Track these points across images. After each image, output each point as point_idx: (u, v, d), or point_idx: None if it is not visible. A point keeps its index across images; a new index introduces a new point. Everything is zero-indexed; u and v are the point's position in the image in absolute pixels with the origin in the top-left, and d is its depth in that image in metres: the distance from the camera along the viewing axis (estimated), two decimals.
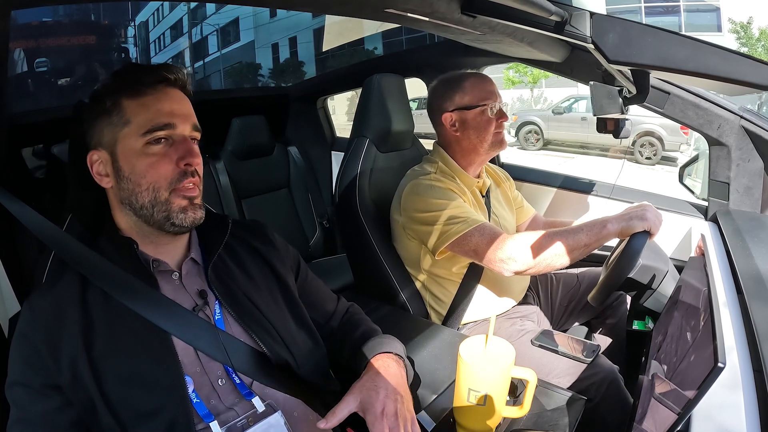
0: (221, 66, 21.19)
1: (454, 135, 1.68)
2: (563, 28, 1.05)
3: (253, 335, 1.00)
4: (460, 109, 1.65)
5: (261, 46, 20.49)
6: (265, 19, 20.15)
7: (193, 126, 0.97)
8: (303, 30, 19.99)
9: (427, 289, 1.72)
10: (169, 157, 0.93)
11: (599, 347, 1.48)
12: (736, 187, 1.74)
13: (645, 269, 1.43)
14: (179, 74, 0.98)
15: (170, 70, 0.97)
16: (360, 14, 1.29)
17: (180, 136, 0.95)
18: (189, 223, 0.95)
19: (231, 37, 20.52)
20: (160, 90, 0.95)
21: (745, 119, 1.68)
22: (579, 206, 2.29)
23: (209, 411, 0.93)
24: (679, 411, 0.72)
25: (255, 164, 2.77)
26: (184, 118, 0.96)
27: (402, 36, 17.17)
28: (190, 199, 0.95)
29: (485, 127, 1.63)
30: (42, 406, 0.88)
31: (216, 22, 20.48)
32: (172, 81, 0.97)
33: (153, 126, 0.92)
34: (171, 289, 0.98)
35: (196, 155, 0.95)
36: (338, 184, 1.81)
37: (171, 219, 0.94)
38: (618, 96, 1.29)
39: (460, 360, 1.00)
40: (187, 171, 0.94)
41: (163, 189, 0.93)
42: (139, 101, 0.93)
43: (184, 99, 0.99)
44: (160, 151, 0.93)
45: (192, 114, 0.99)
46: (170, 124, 0.93)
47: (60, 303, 0.91)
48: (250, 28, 20.27)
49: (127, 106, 0.93)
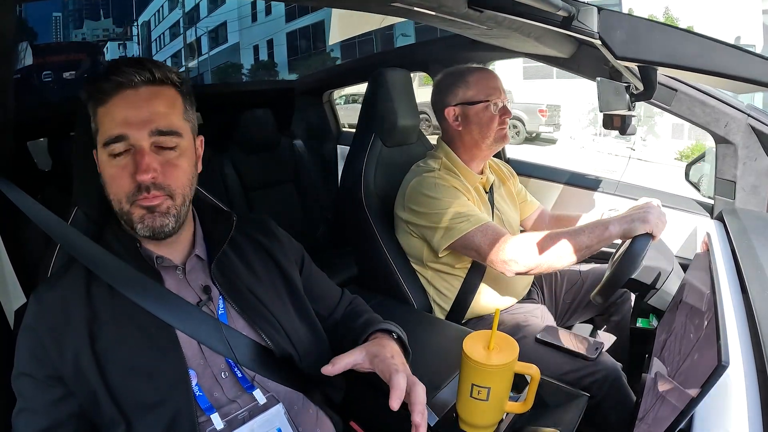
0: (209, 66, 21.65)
1: (457, 129, 1.67)
2: (570, 23, 1.05)
3: (256, 329, 1.00)
4: (463, 103, 1.65)
5: (244, 48, 21.01)
6: (248, 22, 20.65)
7: (151, 132, 0.90)
8: (278, 33, 20.48)
9: (430, 284, 1.72)
10: (126, 170, 0.90)
11: (602, 344, 1.48)
12: (743, 186, 1.73)
13: (648, 269, 1.43)
14: (137, 75, 0.91)
15: (123, 72, 0.90)
16: (367, 8, 1.28)
17: (137, 146, 0.90)
18: (148, 232, 0.92)
19: (219, 38, 21.04)
20: (119, 95, 0.90)
21: (752, 117, 1.67)
22: (585, 202, 2.28)
23: (211, 403, 0.93)
24: (681, 410, 0.72)
25: (261, 157, 2.76)
26: (141, 126, 0.89)
27: (355, 38, 17.41)
28: (148, 208, 0.91)
29: (488, 123, 1.63)
30: (45, 397, 0.89)
31: (206, 24, 21.00)
32: (134, 83, 0.91)
33: (106, 140, 0.90)
34: (175, 284, 0.99)
35: (146, 170, 0.88)
36: (344, 178, 1.81)
37: (134, 227, 0.92)
38: (625, 92, 1.28)
39: (463, 355, 1.00)
40: (141, 186, 0.90)
41: (123, 201, 0.91)
42: (102, 109, 0.91)
43: (147, 99, 0.92)
44: (119, 164, 0.90)
45: (155, 116, 0.91)
46: (121, 135, 0.89)
47: (66, 296, 0.92)
48: (236, 30, 20.75)
49: (98, 114, 0.92)
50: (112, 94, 0.90)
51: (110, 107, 0.90)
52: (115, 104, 0.90)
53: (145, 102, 0.91)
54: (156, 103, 0.92)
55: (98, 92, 0.91)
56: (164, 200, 0.92)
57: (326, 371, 0.94)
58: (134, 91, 0.91)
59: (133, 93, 0.91)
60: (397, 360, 0.98)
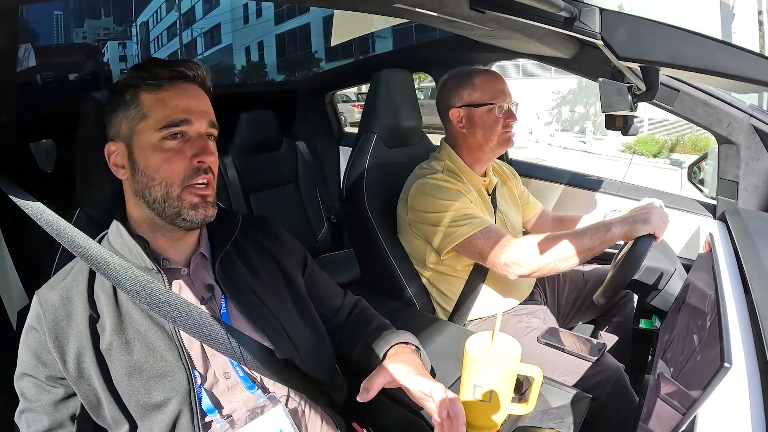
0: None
1: (461, 131, 1.67)
2: (572, 24, 1.04)
3: (258, 330, 1.00)
4: (468, 105, 1.64)
5: (236, 49, 21.46)
6: (240, 24, 21.11)
7: (209, 123, 0.98)
8: (268, 35, 20.90)
9: (433, 285, 1.72)
10: (183, 154, 0.93)
11: (605, 345, 1.48)
12: (745, 186, 1.72)
13: (651, 270, 1.43)
14: (198, 70, 0.98)
15: (189, 66, 0.97)
16: (369, 9, 1.28)
17: (195, 132, 0.95)
18: (199, 220, 0.96)
19: (214, 40, 21.42)
20: (178, 86, 0.95)
21: (754, 117, 1.66)
22: (586, 203, 2.28)
23: (214, 404, 0.94)
24: (684, 411, 0.72)
25: (263, 159, 2.76)
26: (201, 115, 0.96)
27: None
28: (202, 197, 0.95)
29: (492, 126, 1.62)
30: (47, 398, 0.90)
31: (202, 26, 21.37)
32: (191, 77, 0.97)
33: (169, 122, 0.92)
34: (179, 283, 1.00)
35: (210, 153, 0.96)
36: (346, 180, 1.81)
37: (182, 215, 0.94)
38: (627, 93, 1.28)
39: (466, 356, 1.00)
40: (200, 168, 0.94)
41: (175, 185, 0.93)
42: (156, 96, 0.93)
43: (202, 95, 0.99)
44: (174, 147, 0.93)
45: (209, 111, 0.99)
46: (186, 120, 0.93)
47: (68, 296, 0.92)
48: (229, 32, 21.15)
49: (145, 101, 0.93)
50: (171, 82, 0.95)
51: (169, 95, 0.94)
52: (175, 93, 0.95)
53: (201, 96, 1.00)
54: (207, 100, 1.00)
55: (153, 78, 0.94)
56: (212, 190, 0.98)
57: (362, 399, 0.96)
58: (191, 85, 0.98)
59: (191, 86, 0.98)
60: (424, 372, 1.01)
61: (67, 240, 0.91)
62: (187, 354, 0.93)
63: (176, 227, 0.97)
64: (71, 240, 0.91)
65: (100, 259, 0.90)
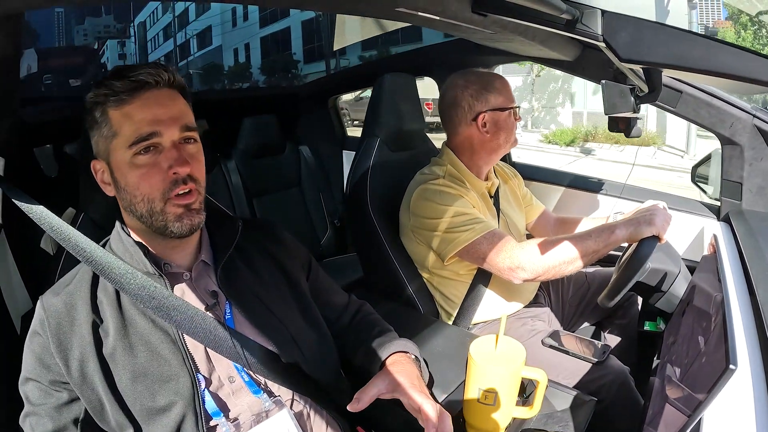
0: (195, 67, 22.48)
1: (484, 136, 1.65)
2: (574, 26, 1.04)
3: (263, 334, 1.00)
4: (495, 110, 1.63)
5: (225, 50, 21.85)
6: (229, 27, 21.52)
7: (182, 127, 0.93)
8: (253, 37, 21.33)
9: (437, 289, 1.71)
10: (158, 167, 0.90)
11: (609, 348, 1.48)
12: (749, 187, 1.72)
13: (655, 272, 1.43)
14: (161, 75, 0.92)
15: (148, 72, 0.91)
16: (371, 13, 1.28)
17: (168, 142, 0.91)
18: (186, 230, 0.94)
19: (206, 41, 21.75)
20: (142, 96, 0.91)
21: (758, 118, 1.66)
22: (588, 205, 2.27)
23: (218, 408, 0.94)
24: (689, 413, 0.72)
25: (266, 163, 2.77)
26: (170, 123, 0.91)
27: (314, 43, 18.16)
28: (185, 206, 0.93)
29: (512, 128, 1.65)
30: (51, 402, 0.91)
31: (195, 27, 21.66)
32: (153, 84, 0.92)
33: (136, 138, 0.89)
34: (182, 290, 0.99)
35: (184, 162, 0.92)
36: (349, 183, 1.82)
37: (168, 227, 0.93)
38: (630, 95, 1.28)
39: (470, 359, 1.00)
40: (176, 180, 0.91)
41: (156, 200, 0.91)
42: (122, 111, 0.90)
43: (170, 99, 0.94)
44: (148, 162, 0.90)
45: (182, 113, 0.94)
46: (154, 132, 0.90)
47: (72, 301, 0.92)
48: (219, 34, 21.49)
49: (113, 117, 0.90)
50: (134, 94, 0.90)
51: (134, 108, 0.90)
52: (140, 105, 0.90)
53: (170, 100, 0.94)
54: (178, 102, 0.95)
55: (116, 93, 0.90)
56: (197, 196, 0.95)
57: (352, 408, 0.96)
58: (158, 91, 0.93)
59: (156, 93, 0.92)
60: (419, 385, 1.00)
61: (71, 244, 0.91)
62: (191, 358, 0.93)
63: (168, 237, 0.95)
64: (75, 244, 0.91)
65: (104, 263, 0.90)
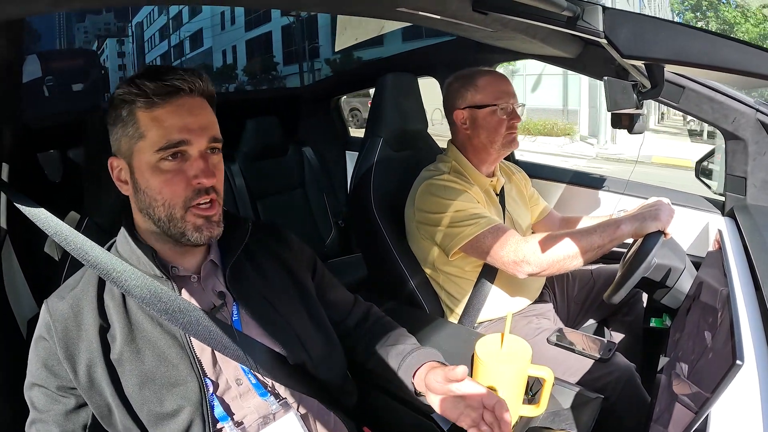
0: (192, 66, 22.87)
1: (466, 133, 1.67)
2: (575, 23, 1.04)
3: (270, 336, 1.00)
4: (471, 107, 1.64)
5: (215, 51, 22.31)
6: (218, 30, 22.12)
7: (210, 139, 0.92)
8: (239, 40, 21.78)
9: (442, 288, 1.71)
10: (183, 174, 0.90)
11: (615, 345, 1.47)
12: (753, 182, 1.71)
13: (660, 268, 1.42)
14: (195, 82, 0.92)
15: (184, 79, 0.90)
16: (372, 13, 1.28)
17: (195, 151, 0.91)
18: (204, 240, 0.94)
19: (197, 43, 22.09)
20: (174, 102, 0.90)
21: (761, 112, 1.65)
22: (590, 202, 2.27)
23: (226, 411, 0.94)
24: (696, 409, 0.72)
25: (269, 165, 2.77)
26: (200, 132, 0.91)
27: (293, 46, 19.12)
28: (206, 218, 0.93)
29: (495, 127, 1.62)
30: (58, 408, 0.90)
31: (188, 29, 22.01)
32: (186, 91, 0.91)
33: (165, 144, 0.88)
34: (190, 291, 0.99)
35: (210, 174, 0.91)
36: (352, 183, 1.82)
37: (186, 235, 0.92)
38: (632, 91, 1.28)
39: (476, 358, 1.00)
40: (200, 189, 0.91)
41: (178, 207, 0.91)
42: (152, 114, 0.89)
43: (201, 108, 0.94)
44: (173, 168, 0.90)
45: (211, 124, 0.94)
46: (183, 140, 0.89)
47: (78, 306, 0.92)
48: (210, 36, 21.93)
49: (141, 119, 0.89)
50: (167, 99, 0.90)
51: (165, 113, 0.89)
52: (172, 111, 0.90)
53: (201, 109, 0.93)
54: (208, 111, 0.95)
55: (147, 95, 0.89)
56: (218, 208, 0.94)
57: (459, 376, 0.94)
58: (191, 99, 0.92)
59: (189, 100, 0.92)
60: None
61: (76, 248, 0.90)
62: (198, 362, 0.93)
63: (182, 244, 0.95)
64: (79, 248, 0.90)
65: (109, 266, 0.89)
